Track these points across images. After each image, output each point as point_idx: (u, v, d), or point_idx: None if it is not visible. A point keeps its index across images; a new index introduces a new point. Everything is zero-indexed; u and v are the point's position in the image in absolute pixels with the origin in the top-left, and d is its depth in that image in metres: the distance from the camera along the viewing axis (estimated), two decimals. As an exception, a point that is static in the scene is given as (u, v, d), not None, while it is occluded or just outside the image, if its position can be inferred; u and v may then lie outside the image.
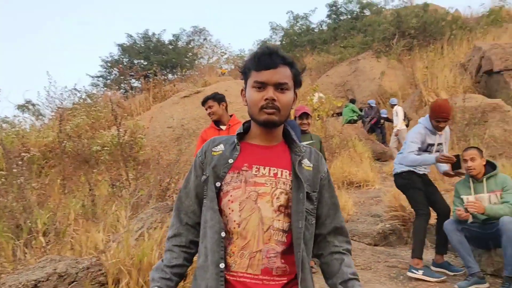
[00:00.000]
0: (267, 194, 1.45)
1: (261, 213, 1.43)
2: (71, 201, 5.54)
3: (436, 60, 14.34)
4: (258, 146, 1.55)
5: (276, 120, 1.48)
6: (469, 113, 9.22)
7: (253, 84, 1.49)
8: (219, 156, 1.52)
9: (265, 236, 1.42)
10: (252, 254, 1.41)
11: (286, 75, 1.50)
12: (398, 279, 4.18)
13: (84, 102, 12.18)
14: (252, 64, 1.51)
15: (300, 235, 1.44)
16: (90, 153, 7.52)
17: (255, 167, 1.48)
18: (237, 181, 1.46)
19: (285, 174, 1.50)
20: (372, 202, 7.01)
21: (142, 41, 23.37)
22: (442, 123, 4.21)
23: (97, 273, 3.53)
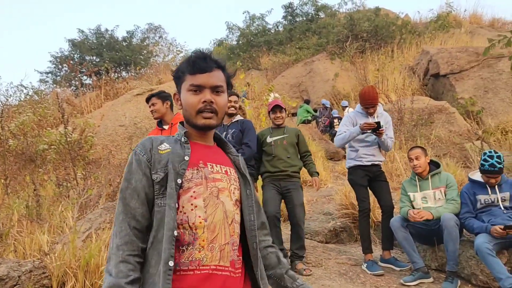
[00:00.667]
0: (226, 189, 1.50)
1: (225, 207, 1.47)
2: (14, 202, 5.31)
3: (386, 63, 14.80)
4: (202, 145, 1.58)
5: (213, 123, 1.53)
6: (417, 114, 9.58)
7: (189, 87, 1.52)
8: (169, 154, 1.48)
9: (230, 229, 1.46)
10: (222, 247, 1.42)
11: (220, 78, 1.55)
12: (348, 275, 4.28)
13: (31, 99, 11.68)
14: (187, 68, 1.53)
15: (254, 227, 1.53)
16: (36, 152, 7.21)
17: (209, 164, 1.51)
18: (198, 178, 1.46)
19: (233, 171, 1.57)
20: (325, 201, 7.14)
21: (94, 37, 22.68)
22: (370, 109, 4.54)
23: (40, 276, 3.40)
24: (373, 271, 4.29)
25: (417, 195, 4.31)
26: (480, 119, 10.35)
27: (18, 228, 4.62)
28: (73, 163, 6.15)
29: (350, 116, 4.68)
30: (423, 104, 10.21)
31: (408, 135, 8.79)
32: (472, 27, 17.77)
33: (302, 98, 16.98)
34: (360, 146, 4.54)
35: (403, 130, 8.94)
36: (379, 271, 4.27)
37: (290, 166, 4.41)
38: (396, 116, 9.28)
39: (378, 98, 4.55)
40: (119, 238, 1.38)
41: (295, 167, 4.47)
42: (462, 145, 8.41)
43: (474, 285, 4.01)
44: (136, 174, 1.45)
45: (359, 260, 4.71)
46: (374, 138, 4.49)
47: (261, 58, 22.06)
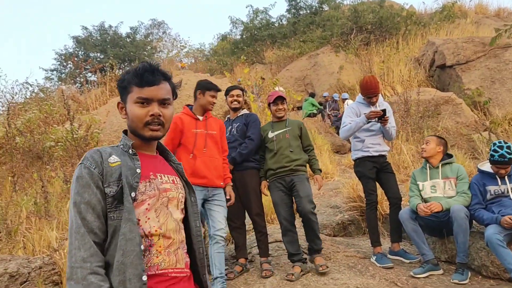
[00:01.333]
0: (175, 199, 1.56)
1: (173, 216, 1.54)
2: (22, 199, 5.33)
3: (392, 54, 14.71)
4: (148, 156, 1.61)
5: (160, 135, 1.57)
6: (423, 106, 9.52)
7: (136, 99, 1.52)
8: (120, 166, 1.47)
9: (180, 236, 1.55)
10: (176, 251, 1.51)
11: (168, 90, 1.57)
12: (357, 268, 4.26)
13: (37, 96, 11.71)
14: (134, 80, 1.53)
15: (199, 233, 1.64)
16: (43, 149, 7.23)
17: (158, 175, 1.56)
18: (152, 190, 1.50)
19: (178, 180, 1.63)
20: (332, 194, 7.12)
21: (98, 33, 22.73)
22: (373, 98, 4.50)
23: (50, 272, 3.42)
24: (382, 263, 4.26)
25: (426, 184, 4.30)
26: (487, 109, 10.26)
27: (27, 225, 4.65)
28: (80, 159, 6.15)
29: (353, 107, 4.63)
30: (429, 95, 10.14)
31: (415, 127, 8.74)
32: (477, 17, 17.62)
33: (307, 92, 16.93)
34: (366, 136, 4.49)
35: (409, 122, 8.88)
36: (389, 263, 4.24)
37: (293, 161, 4.18)
38: (403, 108, 9.23)
39: (379, 87, 4.51)
40: (83, 250, 1.32)
41: (299, 160, 4.22)
42: (470, 136, 8.35)
43: (484, 276, 3.98)
44: (88, 188, 1.41)
45: (367, 253, 4.69)
46: (379, 127, 4.46)
47: (265, 52, 22.01)
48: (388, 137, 4.57)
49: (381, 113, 4.25)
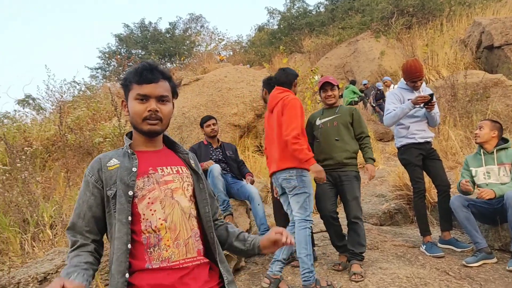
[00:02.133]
0: (179, 189, 1.62)
1: (181, 205, 1.59)
2: (76, 193, 5.56)
3: (435, 37, 14.22)
4: (150, 152, 1.69)
5: (158, 129, 1.64)
6: (471, 89, 9.16)
7: (135, 96, 1.61)
8: (118, 169, 1.58)
9: (189, 224, 1.59)
10: (186, 241, 1.56)
11: (166, 88, 1.65)
12: (406, 257, 4.19)
13: (84, 94, 12.15)
14: (134, 78, 1.62)
15: (209, 218, 1.67)
16: (93, 145, 7.51)
17: (159, 168, 1.62)
18: (150, 184, 1.57)
19: (184, 169, 1.69)
20: (376, 182, 7.01)
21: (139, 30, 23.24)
22: (418, 82, 4.34)
23: (105, 263, 3.54)
24: (433, 253, 4.16)
25: (480, 170, 4.13)
26: (540, 90, 9.74)
27: (81, 218, 4.84)
28: (128, 154, 6.34)
29: (396, 93, 4.46)
30: (477, 78, 9.74)
31: (463, 111, 8.43)
32: (527, -6, 16.68)
33: (347, 79, 16.66)
34: (411, 122, 4.34)
35: (457, 106, 8.58)
36: (439, 253, 4.14)
37: (340, 152, 3.88)
38: (449, 92, 8.92)
39: (423, 71, 4.37)
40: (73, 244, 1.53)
41: (347, 152, 3.89)
42: (522, 119, 7.97)
43: (542, 265, 3.81)
44: (83, 196, 1.58)
45: (416, 242, 4.60)
46: (424, 113, 4.34)
47: (303, 40, 21.81)
48: (432, 123, 4.41)
49: (428, 97, 4.12)
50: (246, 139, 9.09)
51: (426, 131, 4.39)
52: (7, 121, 10.30)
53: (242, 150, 8.76)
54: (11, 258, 4.27)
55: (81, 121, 8.77)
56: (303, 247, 3.49)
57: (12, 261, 4.16)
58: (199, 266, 1.56)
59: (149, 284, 1.46)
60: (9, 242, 4.58)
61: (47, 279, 3.37)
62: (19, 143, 7.54)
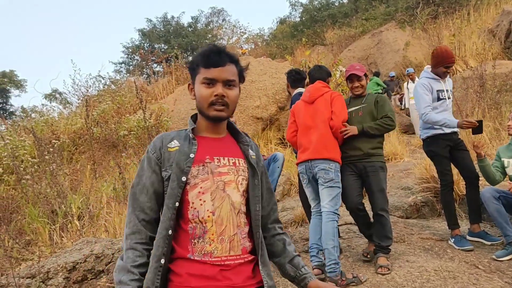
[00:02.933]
0: (232, 182, 1.55)
1: (231, 199, 1.53)
2: (102, 185, 5.66)
3: (463, 27, 13.87)
4: (211, 139, 1.63)
5: (224, 116, 1.58)
6: (500, 80, 8.91)
7: (202, 80, 1.56)
8: (177, 152, 1.55)
9: (237, 220, 1.53)
10: (231, 237, 1.50)
11: (233, 72, 1.59)
12: (433, 250, 4.11)
13: (109, 89, 12.32)
14: (201, 62, 1.57)
15: (258, 217, 1.60)
16: (118, 138, 7.62)
17: (216, 158, 1.56)
18: (204, 173, 1.52)
19: (241, 162, 1.62)
20: (402, 175, 6.89)
21: (162, 25, 23.41)
22: (450, 69, 4.26)
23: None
24: (461, 246, 4.07)
25: (512, 161, 4.03)
26: None
27: (108, 209, 4.93)
28: (152, 147, 6.41)
29: (425, 84, 4.28)
30: (506, 68, 9.47)
31: (492, 102, 8.21)
32: (560, -20, 16.08)
33: (370, 71, 16.41)
34: (438, 113, 4.19)
35: (485, 97, 8.35)
36: (468, 246, 4.05)
37: (365, 143, 3.77)
38: (477, 83, 8.70)
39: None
40: (128, 228, 1.51)
41: (372, 142, 3.79)
42: (554, 110, 7.71)
43: None
44: (146, 171, 1.56)
45: (444, 235, 4.51)
46: (450, 103, 4.24)
47: (326, 33, 21.56)
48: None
49: (477, 124, 3.93)
50: (269, 132, 9.07)
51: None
52: (34, 115, 10.54)
53: (265, 142, 8.75)
54: (40, 248, 4.37)
55: (106, 115, 8.90)
56: (331, 239, 3.48)
57: (41, 251, 4.26)
58: (242, 264, 1.51)
59: (188, 273, 1.44)
60: (38, 232, 4.69)
61: (76, 268, 3.44)
62: (47, 136, 7.71)
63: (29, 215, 4.90)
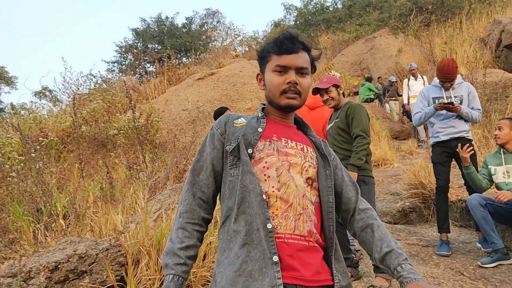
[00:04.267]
0: (298, 165, 1.45)
1: (295, 181, 1.42)
2: (89, 184, 5.60)
3: (454, 35, 13.97)
4: (281, 123, 1.57)
5: (296, 104, 1.50)
6: (490, 88, 8.98)
7: (274, 67, 1.49)
8: (244, 126, 1.51)
9: (303, 202, 1.42)
10: (297, 217, 1.38)
11: (306, 60, 1.51)
12: (419, 256, 4.12)
13: (100, 87, 12.24)
14: (274, 48, 1.51)
15: (331, 209, 1.47)
16: (107, 137, 7.56)
17: (283, 139, 1.49)
18: (270, 149, 1.45)
19: (310, 150, 1.53)
20: (391, 181, 6.92)
21: (156, 25, 23.33)
22: (447, 83, 4.25)
23: (116, 254, 3.55)
24: (438, 251, 4.10)
25: (499, 169, 4.04)
26: (562, 91, 9.50)
27: (94, 209, 4.88)
28: (141, 147, 6.37)
29: (423, 92, 4.46)
30: (496, 77, 9.55)
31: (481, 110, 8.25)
32: (550, -8, 16.28)
33: (363, 76, 16.48)
34: (436, 121, 4.30)
35: (475, 105, 8.40)
36: (444, 252, 4.07)
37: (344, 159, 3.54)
38: (467, 90, 8.74)
39: (457, 72, 4.23)
40: (182, 206, 1.48)
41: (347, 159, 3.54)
42: (543, 120, 7.77)
43: (561, 268, 3.71)
44: (207, 147, 1.52)
45: (431, 241, 4.52)
46: None
47: (320, 37, 21.64)
48: (471, 121, 4.25)
49: (449, 106, 4.04)
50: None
51: (456, 127, 4.23)
52: (24, 112, 10.43)
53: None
54: (24, 247, 4.31)
55: (96, 113, 8.83)
56: None
57: (24, 249, 4.20)
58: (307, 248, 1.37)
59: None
60: (23, 231, 4.63)
61: (58, 268, 3.38)
62: (35, 134, 7.62)
63: (14, 213, 4.83)
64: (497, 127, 4.13)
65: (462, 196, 5.19)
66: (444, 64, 4.23)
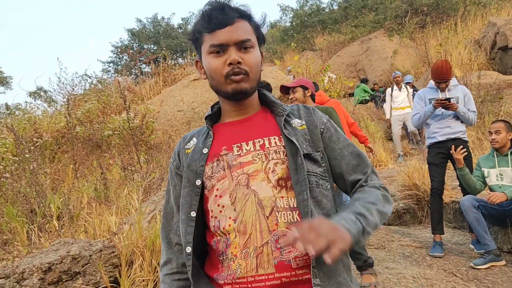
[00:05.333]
0: (260, 171, 1.17)
1: (258, 196, 1.15)
2: (83, 185, 5.59)
3: (449, 37, 14.04)
4: (234, 123, 1.30)
5: (247, 88, 1.21)
6: (484, 90, 9.03)
7: (209, 49, 1.20)
8: (192, 151, 1.28)
9: (270, 222, 1.12)
10: (259, 250, 1.10)
11: (247, 30, 1.21)
12: (413, 257, 4.14)
13: (95, 88, 12.21)
14: (203, 25, 1.21)
15: (307, 209, 1.12)
16: (102, 138, 7.55)
17: (235, 146, 1.22)
18: (219, 170, 1.20)
19: (274, 141, 1.22)
20: (386, 182, 6.94)
21: (152, 25, 23.32)
22: (442, 84, 4.30)
23: (110, 255, 3.55)
24: (432, 252, 4.13)
25: (493, 171, 4.06)
26: (556, 93, 9.57)
27: (88, 210, 4.87)
28: (136, 148, 6.36)
29: (420, 94, 4.50)
30: (490, 79, 9.62)
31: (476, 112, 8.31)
32: (544, -5, 16.39)
33: (358, 78, 16.52)
34: (433, 121, 4.32)
35: (469, 107, 8.45)
36: (437, 253, 4.10)
37: None
38: (462, 92, 8.79)
39: (451, 73, 4.28)
40: (162, 257, 1.35)
41: None
42: (536, 122, 7.84)
43: (553, 269, 3.74)
44: (171, 186, 1.35)
45: (424, 243, 4.54)
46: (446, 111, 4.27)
47: (316, 38, 21.67)
48: (466, 123, 4.27)
49: (446, 103, 4.10)
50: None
51: (452, 127, 4.26)
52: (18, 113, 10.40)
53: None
54: (17, 248, 4.29)
55: (91, 114, 8.82)
56: None
57: (18, 250, 4.19)
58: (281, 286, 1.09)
59: None
60: (16, 232, 4.61)
61: (52, 269, 3.38)
62: (29, 134, 7.60)
63: (7, 214, 4.81)
64: (493, 131, 4.10)
65: (455, 198, 5.22)
66: (438, 65, 4.27)
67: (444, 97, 4.22)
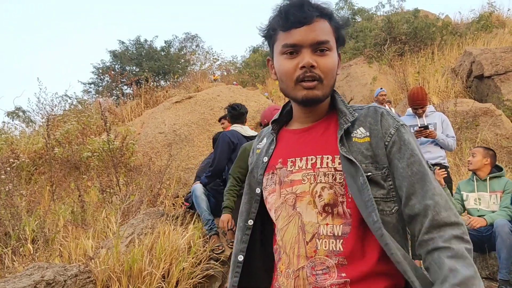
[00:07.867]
0: (306, 193, 1.10)
1: (302, 219, 1.09)
2: (60, 208, 5.46)
3: (427, 65, 14.43)
4: (296, 131, 1.22)
5: (319, 95, 1.11)
6: (461, 117, 9.25)
7: (281, 49, 1.11)
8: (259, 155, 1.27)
9: (309, 249, 1.06)
10: (296, 273, 1.07)
11: (326, 31, 1.11)
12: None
13: (75, 109, 12.09)
14: (278, 23, 1.11)
15: (380, 231, 1.00)
16: (80, 159, 7.43)
17: (290, 161, 1.15)
18: (271, 184, 1.16)
19: (326, 161, 1.10)
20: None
21: (134, 47, 23.33)
22: (419, 110, 4.42)
23: (85, 280, 3.45)
24: None
25: (471, 195, 4.16)
26: (529, 121, 9.87)
27: (64, 233, 4.75)
28: (116, 169, 6.28)
29: None
30: (467, 106, 9.86)
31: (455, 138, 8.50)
32: (517, 27, 17.06)
33: (339, 103, 16.77)
34: None
35: (446, 133, 8.64)
36: None
37: None
38: (439, 119, 9.00)
39: (427, 99, 4.42)
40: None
41: None
42: (510, 149, 8.05)
43: (529, 295, 3.78)
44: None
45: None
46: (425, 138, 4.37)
47: (298, 64, 21.98)
48: (446, 148, 4.40)
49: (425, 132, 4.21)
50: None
51: (432, 152, 4.35)
52: (-5, 133, 10.18)
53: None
54: (-11, 272, 4.14)
55: (70, 135, 8.69)
56: None
57: (-10, 275, 4.04)
58: None
59: None
60: (-11, 255, 4.46)
61: (24, 295, 3.26)
62: (6, 155, 7.44)
63: (-20, 237, 4.66)
64: (471, 154, 4.29)
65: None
66: (414, 92, 4.42)
67: (422, 123, 4.32)
